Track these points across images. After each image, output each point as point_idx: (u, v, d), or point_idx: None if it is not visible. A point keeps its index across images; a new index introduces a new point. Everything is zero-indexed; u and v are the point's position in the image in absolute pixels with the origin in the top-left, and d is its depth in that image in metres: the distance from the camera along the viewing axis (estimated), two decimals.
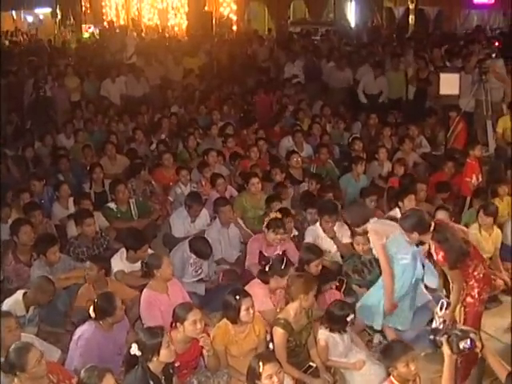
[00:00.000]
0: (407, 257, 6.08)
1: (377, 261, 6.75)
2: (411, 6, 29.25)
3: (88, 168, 10.21)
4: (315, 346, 5.92)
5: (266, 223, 7.56)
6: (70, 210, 9.10)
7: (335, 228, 7.81)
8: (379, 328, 6.38)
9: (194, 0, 26.62)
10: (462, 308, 5.79)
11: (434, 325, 5.82)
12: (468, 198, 9.52)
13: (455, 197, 9.71)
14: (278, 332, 5.63)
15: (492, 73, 11.34)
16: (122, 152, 11.47)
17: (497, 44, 14.04)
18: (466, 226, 8.15)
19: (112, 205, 8.93)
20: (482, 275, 5.77)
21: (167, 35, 25.89)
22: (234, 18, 27.75)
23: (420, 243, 6.00)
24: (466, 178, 9.71)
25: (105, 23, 28.61)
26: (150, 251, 7.34)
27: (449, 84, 10.23)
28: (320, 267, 6.73)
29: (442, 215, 7.76)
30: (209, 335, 5.57)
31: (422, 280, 6.26)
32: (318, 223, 7.81)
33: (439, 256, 5.55)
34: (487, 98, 10.93)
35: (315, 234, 7.77)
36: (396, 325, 6.31)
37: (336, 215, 7.55)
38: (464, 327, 4.62)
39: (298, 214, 8.78)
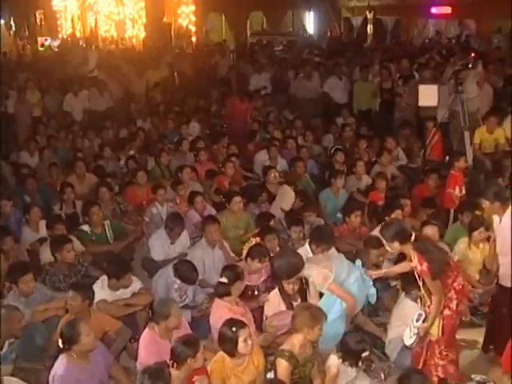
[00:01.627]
0: (355, 276, 6.22)
1: None
2: (369, 16, 29.38)
3: (58, 188, 9.70)
4: (319, 376, 5.62)
5: (246, 252, 7.20)
6: (40, 233, 8.61)
7: None
8: None
9: (152, 11, 26.32)
10: (440, 320, 5.70)
11: (406, 333, 5.77)
12: (452, 211, 9.37)
13: (438, 209, 9.50)
14: (283, 364, 5.32)
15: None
16: (89, 170, 10.97)
17: (473, 55, 14.02)
18: (453, 240, 8.08)
19: (86, 227, 8.46)
20: (461, 286, 5.74)
21: (122, 47, 25.40)
22: (193, 29, 27.44)
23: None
24: (449, 189, 9.53)
25: (60, 35, 28.09)
26: (133, 278, 6.94)
27: (427, 95, 10.05)
28: (294, 287, 6.38)
29: (430, 230, 7.57)
30: (207, 372, 5.23)
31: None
32: (307, 245, 7.44)
33: (423, 266, 5.48)
34: (463, 108, 10.79)
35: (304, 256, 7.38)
36: None
37: (331, 243, 7.24)
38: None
39: (282, 232, 8.46)
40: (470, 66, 11.03)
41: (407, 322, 6.17)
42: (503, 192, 6.84)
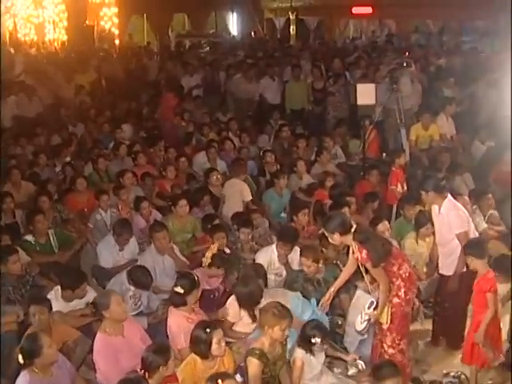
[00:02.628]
0: (309, 313, 6.41)
1: (325, 281, 6.92)
2: (292, 17, 29.66)
3: None
4: (288, 376, 5.65)
5: (207, 261, 7.14)
6: None
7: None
8: None
9: (73, 14, 25.74)
10: (389, 309, 5.86)
11: (357, 319, 5.98)
12: (394, 207, 9.56)
13: (380, 206, 9.65)
14: (254, 362, 5.32)
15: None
16: (24, 177, 10.62)
17: (407, 54, 14.34)
18: (399, 235, 8.25)
19: (29, 237, 8.18)
20: (407, 274, 5.89)
21: (43, 51, 24.72)
22: (116, 31, 27.04)
23: None
24: (391, 186, 9.75)
25: None
26: (88, 288, 6.77)
27: (365, 94, 10.20)
28: None
29: (382, 227, 7.73)
30: (177, 379, 5.16)
31: None
32: (274, 245, 7.49)
33: (362, 254, 5.68)
34: (399, 106, 11.03)
35: (269, 257, 7.45)
36: None
37: (295, 243, 7.30)
38: None
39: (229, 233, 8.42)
40: (405, 64, 11.29)
41: None
42: (439, 182, 7.13)
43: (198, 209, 9.37)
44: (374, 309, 5.84)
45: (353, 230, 5.75)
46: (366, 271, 5.85)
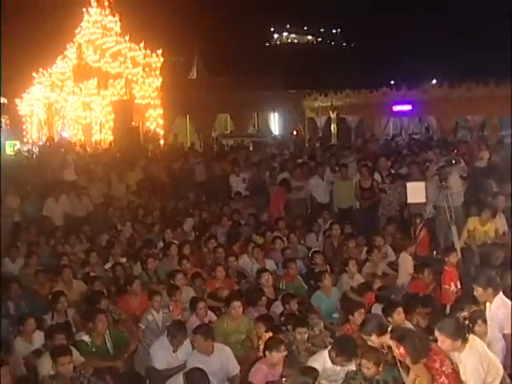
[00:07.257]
0: None
1: (385, 382, 6.68)
2: (333, 116, 30.20)
3: (49, 296, 9.41)
4: None
5: (264, 347, 7.20)
6: (34, 345, 8.29)
7: None
8: None
9: (120, 115, 26.55)
10: None
11: None
12: (448, 306, 9.34)
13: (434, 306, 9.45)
14: None
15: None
16: (75, 276, 10.69)
17: (456, 151, 14.40)
18: None
19: (86, 338, 8.14)
20: (450, 370, 5.87)
21: (90, 151, 25.42)
22: (161, 132, 27.80)
23: None
24: (444, 285, 9.55)
25: (25, 139, 28.17)
26: None
27: (415, 192, 10.22)
28: None
29: None
30: None
31: None
32: (326, 352, 7.32)
33: (400, 350, 5.77)
34: (449, 203, 10.98)
35: (321, 364, 7.23)
36: None
37: (353, 356, 7.09)
38: None
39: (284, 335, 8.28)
40: (454, 162, 11.33)
41: None
42: (493, 277, 7.00)
43: (254, 309, 9.29)
44: None
45: (389, 329, 5.96)
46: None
